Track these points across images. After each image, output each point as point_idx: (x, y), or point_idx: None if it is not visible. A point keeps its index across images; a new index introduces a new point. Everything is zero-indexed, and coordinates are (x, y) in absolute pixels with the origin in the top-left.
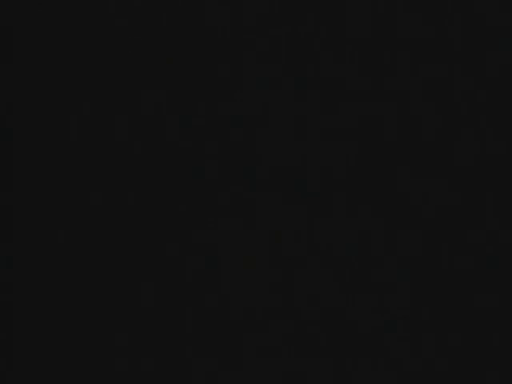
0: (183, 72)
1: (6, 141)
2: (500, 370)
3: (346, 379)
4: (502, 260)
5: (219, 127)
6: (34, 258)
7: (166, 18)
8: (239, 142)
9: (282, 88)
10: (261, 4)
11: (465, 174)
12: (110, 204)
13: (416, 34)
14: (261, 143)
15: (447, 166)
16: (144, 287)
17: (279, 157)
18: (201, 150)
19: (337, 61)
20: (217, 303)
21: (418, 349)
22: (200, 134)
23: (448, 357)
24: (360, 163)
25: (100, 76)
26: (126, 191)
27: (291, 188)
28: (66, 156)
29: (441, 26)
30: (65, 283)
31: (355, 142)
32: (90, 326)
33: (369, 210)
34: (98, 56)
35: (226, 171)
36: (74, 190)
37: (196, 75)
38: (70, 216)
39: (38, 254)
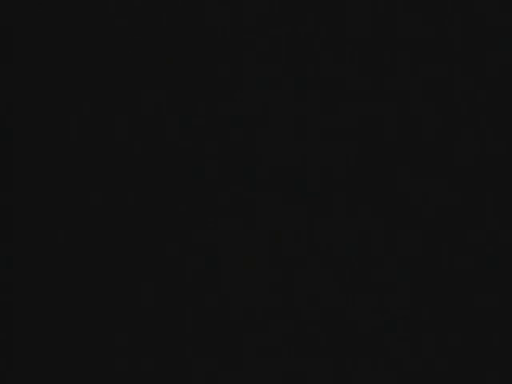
0: (183, 72)
1: (6, 141)
2: (500, 369)
3: (346, 379)
4: (502, 260)
5: (219, 127)
6: (34, 258)
7: (166, 18)
8: (239, 141)
9: (282, 88)
10: (261, 4)
11: (465, 174)
12: (110, 204)
13: (416, 33)
14: (261, 143)
15: (447, 166)
16: (144, 287)
17: (279, 157)
18: (201, 150)
19: (337, 61)
20: (217, 303)
21: (418, 349)
22: (200, 133)
23: (448, 357)
24: (360, 163)
25: (100, 76)
26: (126, 191)
27: (291, 188)
28: (66, 156)
29: (441, 26)
30: (65, 283)
31: (355, 141)
32: (90, 325)
33: (369, 210)
34: (98, 56)
35: (226, 171)
36: (74, 190)
37: (196, 75)
38: (70, 216)
39: (38, 253)
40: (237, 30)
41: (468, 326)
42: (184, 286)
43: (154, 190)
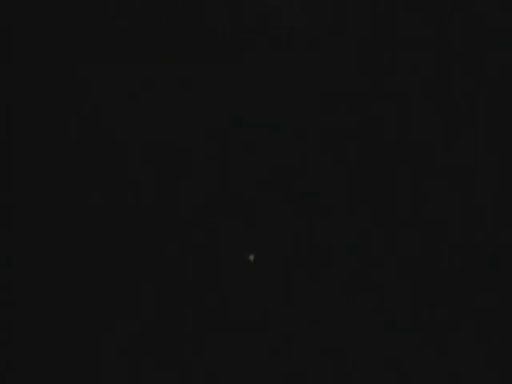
0: (183, 72)
1: (6, 141)
2: (500, 370)
3: (346, 379)
4: (502, 260)
5: (219, 127)
6: (34, 258)
7: (166, 18)
8: (239, 141)
9: (282, 88)
10: (261, 4)
11: (465, 174)
12: (110, 204)
13: (416, 34)
14: (261, 143)
15: (447, 166)
16: (144, 287)
17: (279, 157)
18: (201, 150)
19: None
20: (217, 303)
21: (418, 349)
22: (200, 133)
23: (448, 357)
24: (360, 163)
25: (100, 76)
26: (125, 191)
27: (291, 188)
28: (66, 156)
29: (441, 26)
30: (65, 283)
31: (355, 141)
32: (90, 326)
33: (369, 210)
34: (98, 56)
35: (226, 171)
36: (74, 190)
37: (196, 75)
38: (70, 216)
39: (38, 253)
40: (237, 29)
41: (468, 326)
42: (184, 286)
43: (154, 189)
